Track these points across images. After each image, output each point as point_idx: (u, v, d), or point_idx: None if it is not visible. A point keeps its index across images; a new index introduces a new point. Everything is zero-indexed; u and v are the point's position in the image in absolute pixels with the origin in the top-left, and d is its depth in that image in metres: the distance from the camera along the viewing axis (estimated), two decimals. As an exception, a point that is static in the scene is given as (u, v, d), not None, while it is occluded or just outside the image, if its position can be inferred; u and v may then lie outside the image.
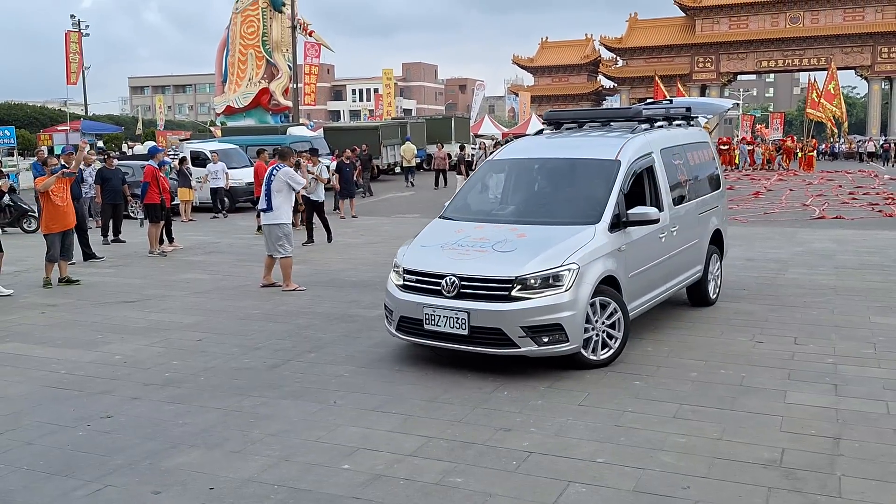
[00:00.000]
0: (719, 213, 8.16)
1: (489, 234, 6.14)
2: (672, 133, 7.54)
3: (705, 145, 8.23)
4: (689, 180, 7.47)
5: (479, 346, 5.64)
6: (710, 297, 7.86)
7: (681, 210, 7.12)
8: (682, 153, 7.46)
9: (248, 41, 37.59)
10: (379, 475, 4.00)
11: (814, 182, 26.85)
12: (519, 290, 5.52)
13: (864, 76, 60.70)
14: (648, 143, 6.90)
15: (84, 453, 4.38)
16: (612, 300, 5.86)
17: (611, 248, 5.97)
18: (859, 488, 3.74)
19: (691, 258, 7.37)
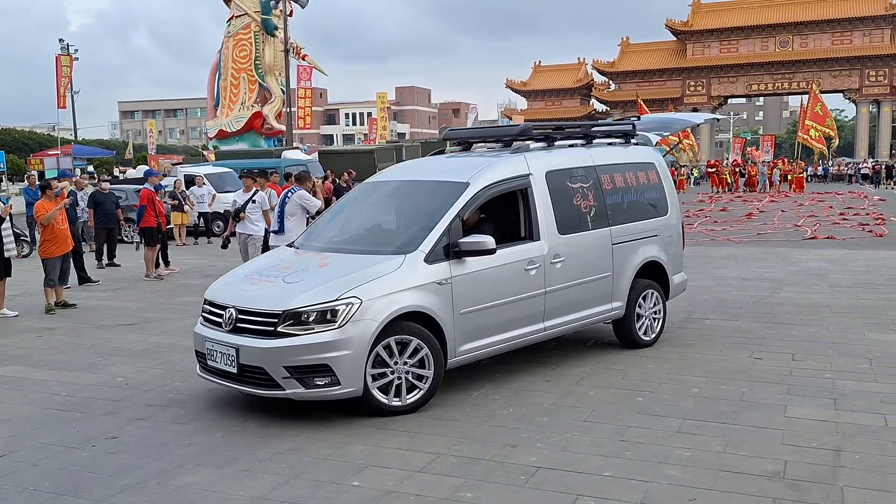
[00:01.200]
0: (661, 243, 7.18)
1: (296, 263, 5.85)
2: (577, 154, 6.76)
3: (648, 166, 7.32)
4: (600, 205, 6.65)
5: (250, 387, 5.19)
6: (640, 338, 6.95)
7: (574, 239, 6.36)
8: (591, 175, 6.66)
9: (241, 65, 37.76)
10: (389, 491, 4.03)
11: (805, 203, 27.13)
12: (289, 326, 5.01)
13: (852, 99, 61.62)
14: (524, 165, 6.23)
15: (91, 473, 4.38)
16: (417, 338, 5.24)
17: (424, 280, 5.35)
18: (862, 498, 3.79)
19: (596, 294, 6.55)
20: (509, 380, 6.06)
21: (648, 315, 7.06)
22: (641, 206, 7.13)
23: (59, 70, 41.70)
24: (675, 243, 7.48)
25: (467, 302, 5.58)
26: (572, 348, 7.07)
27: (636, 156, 7.33)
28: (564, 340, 7.37)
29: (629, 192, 7.01)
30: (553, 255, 6.18)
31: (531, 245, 6.09)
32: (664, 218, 7.33)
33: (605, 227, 6.67)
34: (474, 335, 5.67)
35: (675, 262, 7.43)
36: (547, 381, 5.99)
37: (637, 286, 6.92)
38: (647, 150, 7.57)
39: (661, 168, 7.51)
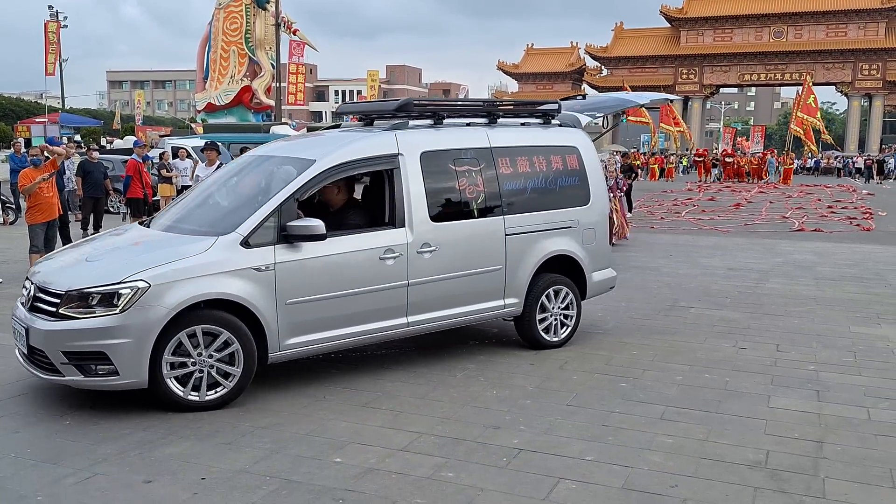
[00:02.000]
0: (577, 236, 6.56)
1: (122, 241, 5.53)
2: (469, 133, 6.18)
3: (567, 150, 6.65)
4: (492, 192, 6.09)
5: (38, 370, 4.83)
6: (542, 338, 6.40)
7: (452, 227, 5.84)
8: (484, 158, 6.10)
9: (231, 38, 37.30)
10: (371, 468, 4.02)
11: (793, 195, 27.29)
12: (71, 308, 4.66)
13: (844, 92, 61.86)
14: (392, 144, 5.70)
15: (72, 442, 4.34)
16: (226, 329, 4.82)
17: (238, 265, 4.90)
18: (843, 490, 3.83)
19: (483, 288, 6.03)
20: (493, 362, 6.06)
21: (556, 314, 6.48)
22: (552, 194, 6.50)
23: (47, 37, 41.01)
24: (598, 237, 6.79)
25: (297, 292, 5.10)
26: (558, 332, 7.08)
27: (554, 138, 6.68)
28: (551, 324, 7.37)
29: (535, 178, 6.39)
30: (421, 243, 5.64)
31: (392, 232, 5.57)
32: (583, 208, 6.65)
33: (498, 216, 6.10)
34: (308, 328, 5.19)
35: (595, 257, 6.76)
36: (531, 365, 6.00)
37: (541, 282, 6.36)
38: (570, 133, 6.87)
39: (585, 153, 6.77)
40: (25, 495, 3.68)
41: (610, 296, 8.85)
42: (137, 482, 3.83)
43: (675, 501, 3.69)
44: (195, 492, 3.73)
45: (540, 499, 3.71)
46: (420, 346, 6.52)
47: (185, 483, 3.83)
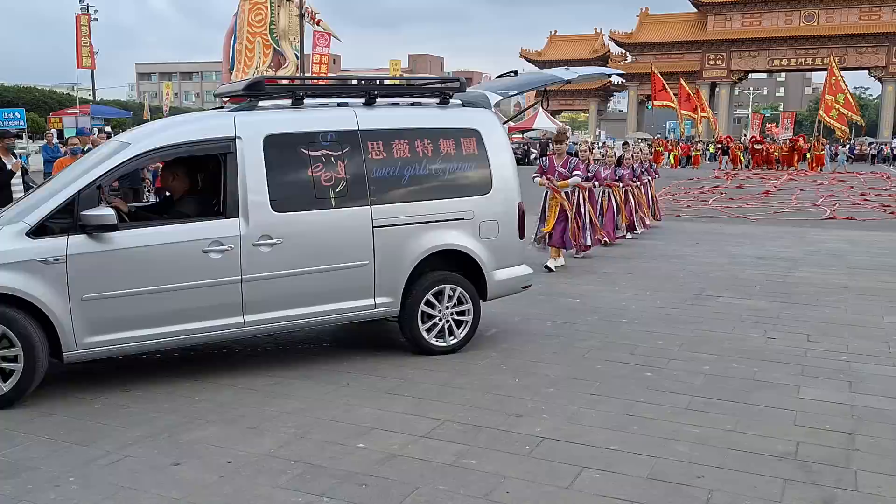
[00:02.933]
0: (472, 229, 5.90)
1: None
2: (330, 115, 5.63)
3: (465, 134, 6.00)
4: (356, 179, 5.53)
5: None
6: (427, 342, 5.80)
7: (301, 218, 5.34)
8: (349, 142, 5.54)
9: (256, 29, 37.55)
10: (394, 454, 4.03)
11: (824, 183, 26.78)
12: None
13: (877, 77, 60.38)
14: (230, 126, 5.22)
15: (103, 425, 4.42)
16: (5, 325, 4.51)
17: (21, 257, 4.56)
18: (876, 482, 3.75)
19: (345, 285, 5.49)
20: (517, 351, 6.04)
21: (446, 316, 5.85)
22: (439, 182, 5.88)
23: (78, 30, 41.53)
24: (503, 230, 6.06)
25: (95, 286, 4.72)
26: (581, 322, 7.03)
27: (450, 120, 6.02)
28: (571, 314, 7.33)
29: (416, 164, 5.77)
30: (259, 235, 5.16)
31: (221, 223, 5.10)
32: (481, 198, 5.98)
33: (363, 206, 5.53)
34: (112, 326, 4.80)
35: (498, 253, 6.05)
36: (555, 354, 5.96)
37: (424, 280, 5.77)
38: (472, 113, 6.15)
39: (489, 136, 6.08)
40: (58, 476, 3.75)
41: (635, 284, 8.82)
42: (166, 464, 3.89)
43: (701, 492, 3.65)
44: (221, 475, 3.78)
45: (563, 487, 3.69)
46: (444, 333, 6.51)
47: (212, 466, 3.87)
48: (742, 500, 3.57)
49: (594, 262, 10.32)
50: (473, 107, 6.26)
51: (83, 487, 3.64)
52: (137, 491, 3.60)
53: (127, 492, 3.60)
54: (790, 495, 3.61)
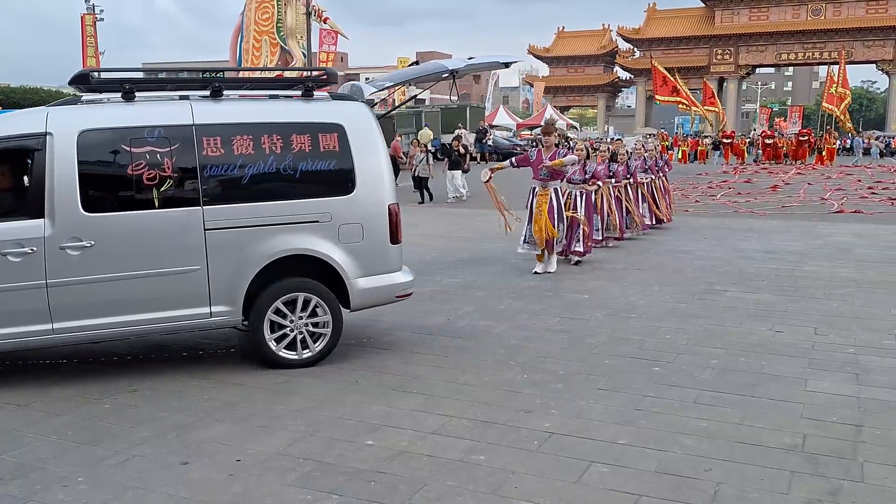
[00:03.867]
0: (330, 232, 5.45)
1: None
2: (159, 109, 5.26)
3: (326, 129, 5.51)
4: (186, 177, 5.15)
5: None
6: (275, 354, 5.41)
7: (118, 220, 5.03)
8: (181, 137, 5.14)
9: (263, 28, 37.68)
10: (403, 451, 4.05)
11: (832, 176, 26.62)
12: None
13: (885, 70, 60.00)
14: (40, 122, 4.95)
15: (111, 425, 4.45)
16: None
17: None
18: (882, 474, 3.74)
19: (173, 292, 5.14)
20: (525, 347, 6.04)
21: (299, 327, 5.44)
22: (291, 181, 5.41)
23: (84, 30, 41.76)
24: (368, 234, 5.58)
25: None
26: (589, 317, 7.03)
27: (310, 114, 5.56)
28: (579, 310, 7.33)
29: (261, 162, 5.32)
30: (67, 237, 4.88)
31: (22, 224, 4.84)
32: (341, 199, 5.50)
33: (194, 207, 5.15)
34: None
35: (363, 259, 5.57)
36: (563, 349, 5.97)
37: (272, 288, 5.37)
38: (337, 108, 5.69)
39: (354, 132, 5.56)
40: (67, 476, 3.79)
41: (643, 280, 8.81)
42: (174, 463, 3.92)
43: (709, 485, 3.65)
44: (230, 473, 3.80)
45: (571, 482, 3.70)
46: (450, 331, 6.53)
47: (221, 465, 3.90)
48: (749, 492, 3.57)
49: (602, 258, 10.30)
50: (345, 100, 5.82)
51: (91, 487, 3.67)
52: (146, 490, 3.63)
53: (135, 491, 3.62)
54: (797, 487, 3.61)
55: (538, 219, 9.07)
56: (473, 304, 7.55)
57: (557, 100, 69.02)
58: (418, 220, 14.92)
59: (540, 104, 59.21)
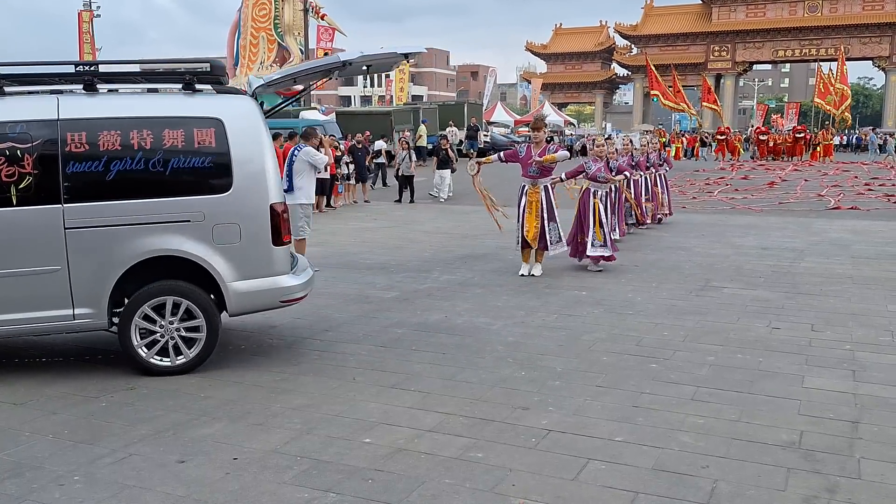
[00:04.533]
0: (203, 232, 5.19)
1: None
2: (22, 104, 5.16)
3: (203, 124, 5.24)
4: (46, 174, 5.00)
5: None
6: (147, 360, 5.21)
7: None
8: (44, 133, 5.02)
9: (260, 24, 37.58)
10: (400, 449, 4.05)
11: (829, 173, 26.66)
12: None
13: (881, 67, 60.01)
14: None
15: (108, 423, 4.44)
16: None
17: None
18: (879, 470, 3.75)
19: (27, 293, 5.01)
20: (523, 344, 6.04)
21: (170, 332, 5.22)
22: (161, 178, 5.17)
23: (80, 26, 41.63)
24: (247, 235, 5.29)
25: None
26: (586, 314, 7.03)
27: (188, 108, 5.34)
28: (577, 306, 7.34)
29: (129, 158, 5.11)
30: None
31: None
32: (218, 197, 5.24)
33: (53, 205, 5.00)
34: None
35: (241, 262, 5.29)
36: (561, 346, 5.97)
37: (141, 291, 5.18)
38: (218, 102, 5.45)
39: (234, 127, 5.30)
40: (63, 475, 3.78)
41: (640, 276, 8.81)
42: (171, 462, 3.91)
43: (706, 482, 3.65)
44: (227, 471, 3.80)
45: (569, 479, 3.70)
46: (448, 328, 6.53)
47: (218, 463, 3.89)
48: (746, 489, 3.57)
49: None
50: (231, 94, 5.60)
51: (88, 486, 3.66)
52: (142, 489, 3.62)
53: (132, 490, 3.62)
54: (794, 484, 3.62)
55: (528, 218, 8.82)
56: (471, 301, 7.55)
57: (555, 96, 68.95)
58: (417, 217, 14.92)
59: (537, 101, 59.10)
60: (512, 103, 79.82)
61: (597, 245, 9.13)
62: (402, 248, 11.18)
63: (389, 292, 8.03)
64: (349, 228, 13.42)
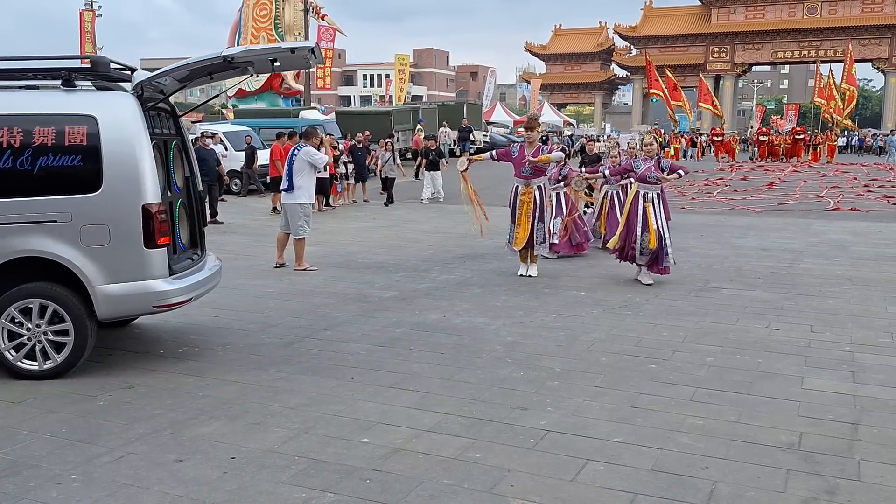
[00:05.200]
0: (70, 233, 5.03)
1: None
2: None
3: (73, 121, 5.07)
4: None
5: None
6: (11, 362, 5.11)
7: None
8: None
9: (261, 24, 37.60)
10: (398, 449, 4.03)
11: (828, 174, 26.66)
12: None
13: (880, 69, 60.12)
14: None
15: (106, 422, 4.42)
16: None
17: None
18: (879, 472, 3.74)
19: None
20: (521, 344, 6.03)
21: (38, 335, 5.08)
22: (27, 177, 5.01)
23: (82, 26, 41.62)
24: (117, 237, 5.10)
25: None
26: (586, 313, 7.02)
27: (59, 105, 5.18)
28: (576, 307, 7.33)
29: None
30: None
31: None
32: (85, 197, 5.05)
33: None
34: None
35: (111, 264, 5.10)
36: (559, 346, 5.96)
37: (9, 293, 5.07)
38: (89, 98, 5.25)
39: (108, 124, 5.11)
40: (60, 474, 3.76)
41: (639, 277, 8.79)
42: (169, 461, 3.89)
43: (705, 483, 3.64)
44: (225, 471, 3.78)
45: (567, 480, 3.69)
46: (447, 328, 6.52)
47: (216, 462, 3.88)
48: (746, 490, 3.56)
49: (597, 255, 10.28)
50: (112, 90, 5.39)
51: (85, 485, 3.64)
52: (140, 488, 3.61)
53: (129, 489, 3.60)
54: (794, 486, 3.61)
55: (520, 220, 8.70)
56: (470, 301, 7.54)
57: (554, 97, 68.98)
58: (416, 217, 14.91)
59: (537, 101, 59.11)
60: (511, 104, 79.83)
61: (645, 253, 8.26)
62: (401, 247, 11.16)
63: (388, 292, 8.01)
64: (348, 228, 13.41)
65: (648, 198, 8.39)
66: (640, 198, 8.43)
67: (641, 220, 8.30)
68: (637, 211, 8.39)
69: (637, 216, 8.36)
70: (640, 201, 8.41)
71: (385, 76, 79.89)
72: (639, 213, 8.35)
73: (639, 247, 8.29)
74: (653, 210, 8.32)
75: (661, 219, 8.34)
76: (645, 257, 8.32)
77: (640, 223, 8.30)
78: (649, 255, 8.27)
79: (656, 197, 8.44)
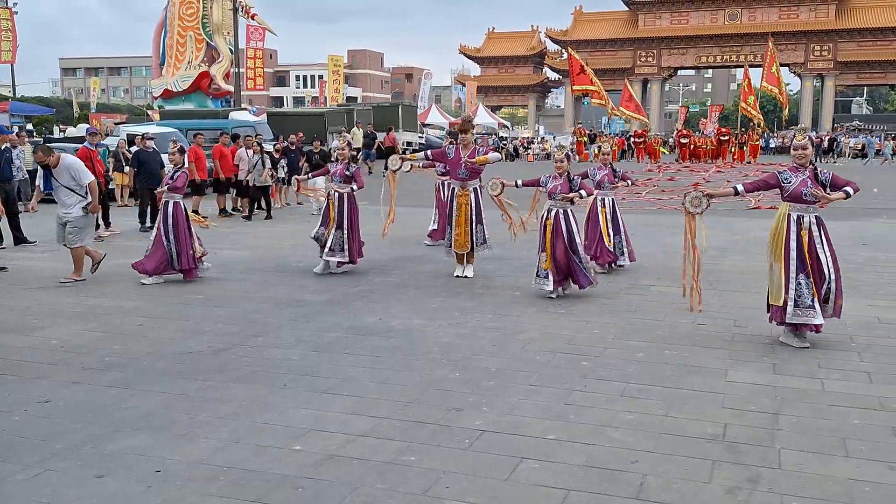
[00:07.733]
0: None
1: None
2: None
3: None
4: None
5: None
6: None
7: None
8: None
9: (188, 23, 36.60)
10: (331, 455, 3.97)
11: (749, 174, 27.75)
12: None
13: (797, 73, 63.18)
14: None
15: (22, 438, 4.20)
16: None
17: None
18: (798, 460, 3.90)
19: None
20: (456, 345, 6.04)
21: None
22: None
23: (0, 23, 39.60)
24: None
25: None
26: (521, 312, 7.09)
27: None
28: (511, 306, 7.39)
29: None
30: None
31: None
32: None
33: None
34: None
35: None
36: (494, 346, 5.99)
37: None
38: None
39: None
40: (-30, 495, 3.55)
41: (572, 276, 8.90)
42: (89, 477, 3.72)
43: (635, 477, 3.71)
44: (149, 485, 3.64)
45: (502, 479, 3.70)
46: (382, 331, 6.47)
47: (139, 476, 3.73)
48: (673, 482, 3.65)
49: (531, 256, 10.38)
50: None
51: (0, 505, 3.45)
52: (59, 505, 3.43)
53: (48, 507, 3.42)
54: (718, 476, 3.72)
55: (459, 222, 8.67)
56: (406, 303, 7.51)
57: (489, 99, 69.60)
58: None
59: (472, 104, 59.50)
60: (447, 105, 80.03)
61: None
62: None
63: (322, 295, 7.90)
64: (281, 231, 13.17)
65: (551, 214, 7.79)
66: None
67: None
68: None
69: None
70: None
71: (319, 77, 78.88)
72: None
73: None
74: (563, 226, 7.72)
75: (572, 235, 7.75)
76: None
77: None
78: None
79: (562, 213, 7.77)
